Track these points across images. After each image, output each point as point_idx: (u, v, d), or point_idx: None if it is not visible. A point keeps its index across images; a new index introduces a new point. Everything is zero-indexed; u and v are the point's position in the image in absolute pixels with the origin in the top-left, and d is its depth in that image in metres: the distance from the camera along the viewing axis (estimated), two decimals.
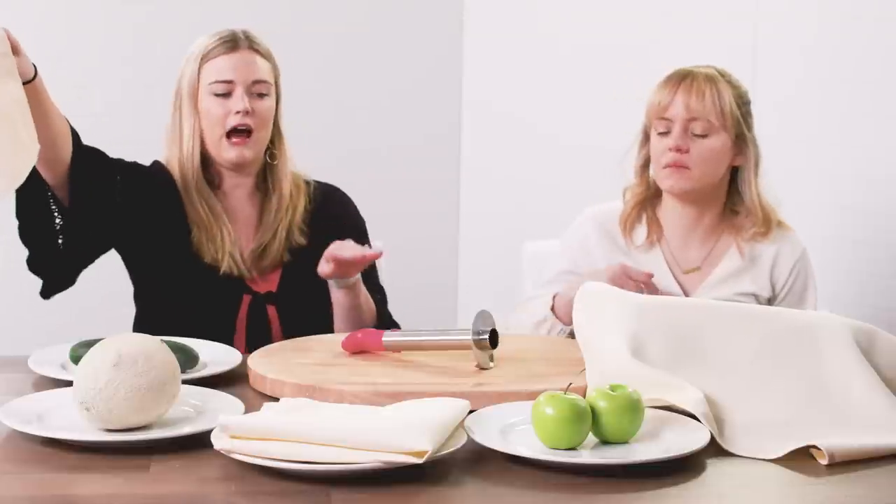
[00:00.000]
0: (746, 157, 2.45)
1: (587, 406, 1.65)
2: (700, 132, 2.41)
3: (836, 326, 1.89)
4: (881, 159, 3.11)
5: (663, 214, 2.50)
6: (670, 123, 2.42)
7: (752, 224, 2.47)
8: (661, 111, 2.43)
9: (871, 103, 3.11)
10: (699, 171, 2.41)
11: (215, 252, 2.37)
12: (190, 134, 2.40)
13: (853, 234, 3.18)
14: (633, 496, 1.53)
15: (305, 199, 2.47)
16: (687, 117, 2.40)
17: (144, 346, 1.70)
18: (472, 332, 1.98)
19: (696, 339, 1.88)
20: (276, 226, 2.42)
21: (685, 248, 2.49)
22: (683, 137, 2.40)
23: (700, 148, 2.41)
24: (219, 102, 2.38)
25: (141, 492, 1.52)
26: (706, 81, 2.41)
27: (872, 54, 3.09)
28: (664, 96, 2.43)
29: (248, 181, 2.45)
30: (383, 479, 1.55)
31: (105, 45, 3.77)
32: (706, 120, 2.40)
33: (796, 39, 3.24)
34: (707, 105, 2.40)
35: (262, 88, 2.39)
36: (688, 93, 2.41)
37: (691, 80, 2.42)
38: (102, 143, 3.95)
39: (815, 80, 3.22)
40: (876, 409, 1.79)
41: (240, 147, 2.38)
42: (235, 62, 2.38)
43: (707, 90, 2.40)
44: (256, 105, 2.38)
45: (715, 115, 2.40)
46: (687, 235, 2.49)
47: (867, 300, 3.13)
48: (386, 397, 1.81)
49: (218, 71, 2.38)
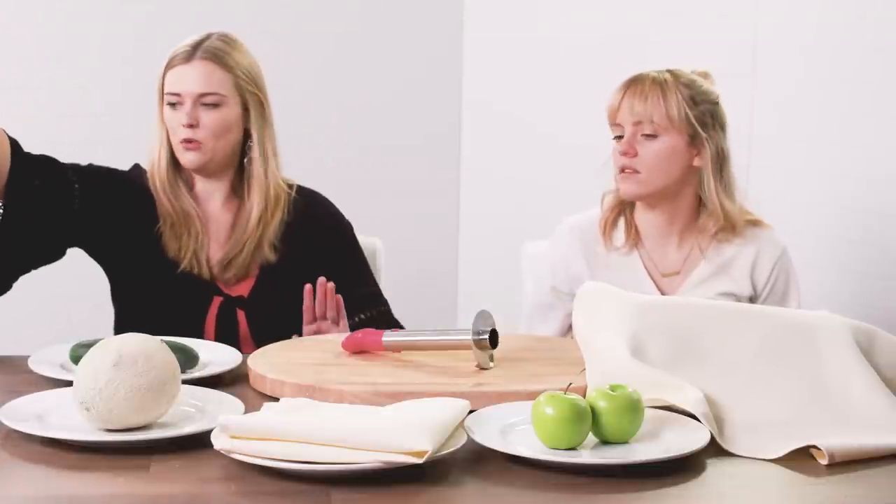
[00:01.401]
0: (703, 158, 2.43)
1: (587, 406, 1.65)
2: (649, 133, 2.41)
3: (836, 326, 1.89)
4: (881, 159, 3.11)
5: (639, 219, 2.50)
6: (620, 128, 2.43)
7: (713, 225, 2.45)
8: (612, 117, 2.44)
9: (870, 103, 3.11)
10: (647, 174, 2.41)
11: (178, 250, 2.38)
12: (158, 137, 2.43)
13: (852, 234, 3.18)
14: (633, 496, 1.53)
15: (282, 212, 2.43)
16: (633, 121, 2.41)
17: (144, 346, 1.70)
18: (472, 332, 1.98)
19: (695, 339, 1.88)
20: (245, 240, 2.40)
21: (663, 251, 2.49)
22: (630, 141, 2.41)
23: (648, 150, 2.40)
24: (172, 113, 2.39)
25: (141, 492, 1.52)
26: (652, 84, 2.41)
27: (872, 54, 3.09)
28: (614, 101, 2.44)
29: (220, 187, 2.44)
30: (383, 479, 1.55)
31: (105, 45, 3.77)
32: (650, 123, 2.40)
33: (796, 39, 3.24)
34: (650, 107, 2.40)
35: (212, 100, 2.37)
36: (632, 96, 2.41)
37: (638, 83, 2.42)
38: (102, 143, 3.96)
39: (815, 80, 3.22)
40: (876, 409, 1.79)
41: (190, 153, 2.38)
42: (185, 74, 2.38)
43: (651, 93, 2.40)
44: (205, 116, 2.37)
45: (658, 115, 2.39)
46: (663, 239, 2.49)
47: (866, 300, 3.13)
48: (386, 397, 1.81)
49: (170, 83, 2.40)
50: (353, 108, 3.97)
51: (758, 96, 3.30)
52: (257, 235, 2.40)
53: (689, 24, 3.49)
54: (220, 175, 2.44)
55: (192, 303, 2.38)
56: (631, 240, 2.49)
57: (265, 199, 2.41)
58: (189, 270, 2.37)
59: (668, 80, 2.42)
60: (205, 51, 2.39)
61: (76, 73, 3.74)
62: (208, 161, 2.39)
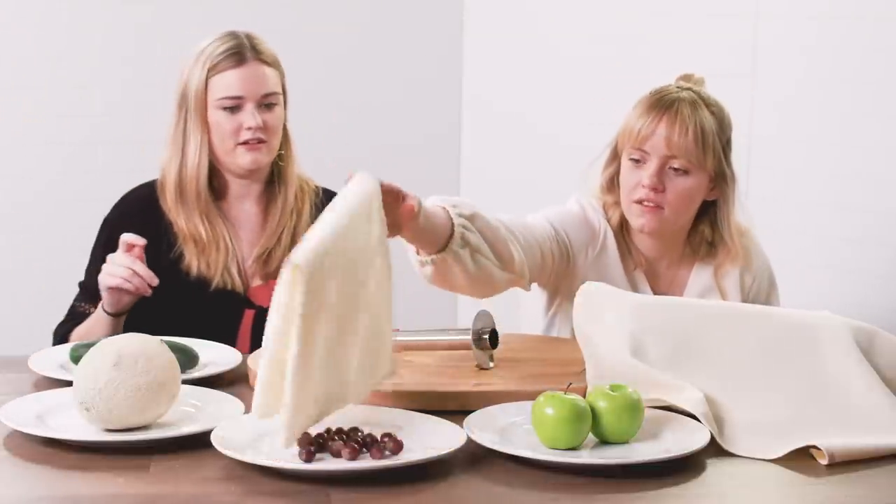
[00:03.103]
0: (724, 194, 2.30)
1: (587, 406, 1.65)
2: (679, 168, 2.23)
3: (836, 326, 1.89)
4: (881, 159, 3.11)
5: (634, 240, 2.37)
6: (646, 155, 2.24)
7: (730, 261, 2.33)
8: (640, 142, 2.23)
9: (871, 103, 3.11)
10: (672, 212, 2.25)
11: (206, 268, 2.35)
12: (196, 147, 2.39)
13: (853, 234, 3.18)
14: (633, 496, 1.53)
15: (310, 205, 2.46)
16: (666, 154, 2.22)
17: (144, 346, 1.70)
18: (472, 332, 1.98)
19: (695, 339, 1.88)
20: (281, 231, 2.41)
21: (653, 272, 2.41)
22: (660, 175, 2.22)
23: (677, 187, 2.23)
24: (229, 117, 2.37)
25: (141, 492, 1.52)
26: (691, 111, 2.22)
27: (872, 54, 3.10)
28: (644, 127, 2.23)
29: (256, 187, 2.45)
30: (383, 479, 1.55)
31: (105, 45, 3.77)
32: (686, 159, 2.22)
33: (796, 39, 3.24)
34: (689, 142, 2.21)
35: (272, 100, 2.39)
36: (671, 126, 2.21)
37: (675, 111, 2.22)
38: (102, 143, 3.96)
39: (815, 80, 3.22)
40: (876, 409, 1.79)
41: (255, 153, 2.37)
42: (244, 77, 2.37)
43: (691, 123, 2.21)
44: (267, 117, 2.38)
45: (696, 155, 2.22)
46: (654, 263, 2.39)
47: (866, 300, 3.14)
48: (386, 397, 1.81)
49: (227, 86, 2.36)
50: (354, 107, 3.97)
51: (758, 96, 3.30)
52: (292, 225, 2.42)
53: (690, 24, 3.49)
54: (261, 174, 2.44)
55: (225, 318, 2.36)
56: (633, 265, 2.35)
57: (295, 193, 2.45)
58: (221, 287, 2.35)
59: (702, 106, 2.24)
60: (255, 51, 2.39)
61: (76, 73, 3.74)
62: (271, 160, 2.41)
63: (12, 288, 3.71)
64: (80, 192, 3.75)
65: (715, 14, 3.43)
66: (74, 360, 1.98)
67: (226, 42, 2.40)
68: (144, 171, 3.20)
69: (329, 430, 1.62)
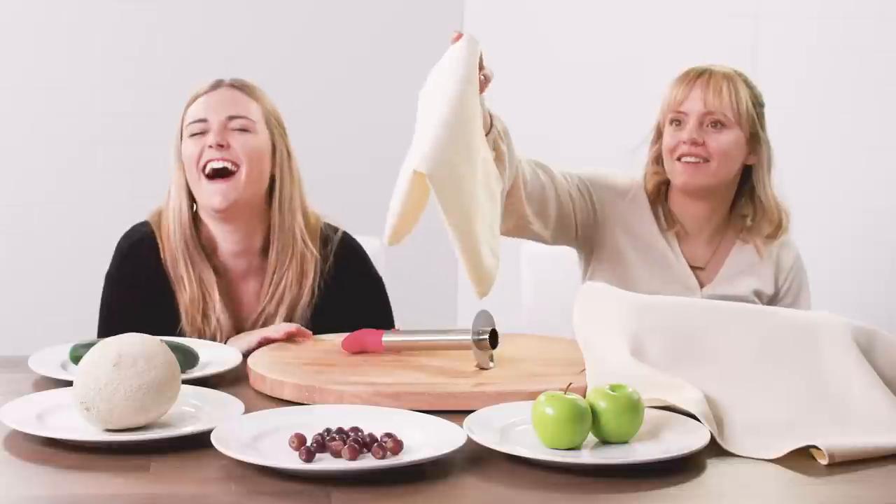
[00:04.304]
0: (760, 157, 2.44)
1: (587, 406, 1.65)
2: (718, 121, 2.39)
3: (836, 326, 1.89)
4: (881, 159, 3.11)
5: (677, 209, 2.48)
6: (685, 117, 2.40)
7: (769, 225, 2.45)
8: (677, 105, 2.40)
9: (871, 103, 3.11)
10: (716, 164, 2.38)
11: (202, 326, 2.23)
12: (177, 188, 2.25)
13: (853, 234, 3.18)
14: (633, 496, 1.53)
15: (316, 271, 2.28)
16: (703, 111, 2.38)
17: (144, 346, 1.70)
18: (472, 332, 1.98)
19: (696, 339, 1.88)
20: (278, 302, 2.26)
21: (693, 245, 2.48)
22: (698, 130, 2.38)
23: (716, 140, 2.38)
24: (195, 142, 2.22)
25: (141, 492, 1.52)
26: (724, 78, 2.39)
27: (872, 54, 3.10)
28: (680, 91, 2.40)
29: (247, 242, 2.27)
30: (383, 479, 1.55)
31: (106, 46, 3.77)
32: (722, 114, 2.38)
33: (797, 39, 3.25)
34: (724, 101, 2.38)
35: (241, 124, 2.22)
36: (705, 88, 2.38)
37: (709, 76, 2.39)
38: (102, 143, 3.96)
39: (816, 80, 3.22)
40: (876, 408, 1.79)
41: (218, 186, 2.20)
42: (212, 100, 2.24)
43: (724, 86, 2.38)
44: (235, 140, 2.21)
45: (731, 111, 2.38)
46: (696, 233, 2.48)
47: (867, 300, 3.14)
48: (386, 397, 1.82)
49: (193, 112, 2.24)
50: (354, 110, 3.97)
51: None
52: (290, 296, 2.26)
53: (690, 24, 3.49)
54: (245, 225, 2.26)
55: None
56: (666, 226, 2.46)
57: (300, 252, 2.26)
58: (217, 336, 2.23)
59: (737, 77, 2.41)
60: (231, 80, 2.29)
61: (76, 73, 3.75)
62: (242, 197, 2.21)
63: (12, 288, 3.71)
64: (80, 192, 3.75)
65: (715, 14, 3.43)
66: (74, 360, 1.99)
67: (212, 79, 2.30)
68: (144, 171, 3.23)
69: (329, 429, 1.62)
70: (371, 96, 3.98)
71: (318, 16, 3.94)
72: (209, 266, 2.26)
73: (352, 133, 3.97)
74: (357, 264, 2.38)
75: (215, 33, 3.83)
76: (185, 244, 2.25)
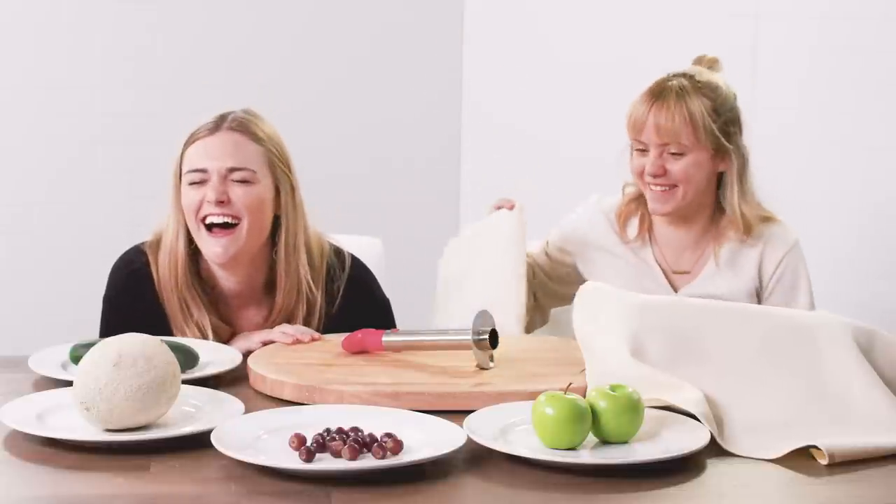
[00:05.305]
0: (728, 165, 2.41)
1: (587, 406, 1.65)
2: (676, 151, 2.36)
3: (835, 326, 1.89)
4: (882, 159, 3.11)
5: (655, 219, 2.49)
6: (646, 145, 2.39)
7: (734, 231, 2.44)
8: (637, 134, 2.39)
9: (871, 103, 3.11)
10: (682, 190, 2.38)
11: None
12: (175, 229, 2.19)
13: (853, 234, 3.18)
14: (633, 496, 1.53)
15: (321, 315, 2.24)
16: (660, 142, 2.36)
17: (144, 346, 1.70)
18: (472, 332, 1.98)
19: (695, 339, 1.88)
20: None
21: (678, 251, 2.48)
22: (659, 161, 2.37)
23: (676, 167, 2.37)
24: (194, 193, 2.15)
25: (141, 492, 1.52)
26: (676, 98, 2.36)
27: (873, 54, 3.10)
28: (638, 116, 2.38)
29: (249, 281, 2.23)
30: (383, 479, 1.55)
31: (106, 46, 3.76)
32: (677, 143, 2.35)
33: (797, 39, 3.25)
34: (677, 126, 2.35)
35: (242, 176, 2.15)
36: (658, 114, 2.36)
37: (662, 99, 2.36)
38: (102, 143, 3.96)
39: (816, 81, 3.22)
40: (876, 408, 1.79)
41: (219, 240, 2.15)
42: (211, 147, 2.15)
43: (676, 110, 2.35)
44: (235, 193, 2.14)
45: (686, 135, 2.35)
46: (679, 241, 2.48)
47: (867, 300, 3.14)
48: (386, 397, 1.82)
49: (193, 158, 2.16)
50: (354, 110, 3.97)
51: (758, 96, 3.30)
52: None
53: (690, 24, 3.49)
54: (246, 269, 2.22)
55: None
56: (645, 233, 2.48)
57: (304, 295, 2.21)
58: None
59: (690, 92, 2.37)
60: (232, 121, 2.18)
61: (76, 73, 3.74)
62: (242, 249, 2.16)
63: (12, 288, 3.71)
64: (80, 192, 3.75)
65: (715, 14, 3.43)
66: (74, 360, 1.99)
67: (214, 115, 2.21)
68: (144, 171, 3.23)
69: (329, 430, 1.62)
70: (371, 96, 3.98)
71: (319, 16, 3.94)
72: (205, 311, 2.21)
73: (352, 133, 3.97)
74: (364, 296, 2.32)
75: (215, 33, 3.82)
76: (178, 287, 2.20)
